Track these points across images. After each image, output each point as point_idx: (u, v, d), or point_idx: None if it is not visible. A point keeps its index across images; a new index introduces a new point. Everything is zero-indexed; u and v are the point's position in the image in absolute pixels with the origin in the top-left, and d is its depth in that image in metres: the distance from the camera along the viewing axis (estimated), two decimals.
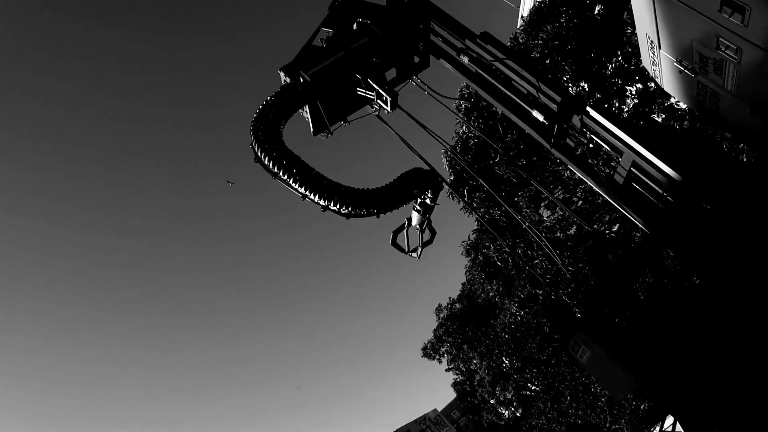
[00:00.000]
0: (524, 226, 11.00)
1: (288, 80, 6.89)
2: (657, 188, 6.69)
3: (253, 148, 6.11)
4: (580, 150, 7.45)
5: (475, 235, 17.16)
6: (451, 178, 17.09)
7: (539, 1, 17.52)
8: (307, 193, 5.82)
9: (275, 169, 5.88)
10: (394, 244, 7.04)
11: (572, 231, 15.47)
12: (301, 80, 6.75)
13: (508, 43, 17.87)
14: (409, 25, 7.58)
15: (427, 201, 6.91)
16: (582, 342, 9.34)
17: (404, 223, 7.17)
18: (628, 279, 13.48)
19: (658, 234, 7.27)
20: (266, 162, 5.93)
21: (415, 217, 7.05)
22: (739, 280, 6.63)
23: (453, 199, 17.31)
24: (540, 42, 16.24)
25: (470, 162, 16.55)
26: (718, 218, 6.40)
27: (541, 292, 14.90)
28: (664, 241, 10.39)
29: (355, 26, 7.50)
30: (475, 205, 16.62)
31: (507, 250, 16.02)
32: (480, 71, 7.34)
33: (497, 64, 7.05)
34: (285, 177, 5.85)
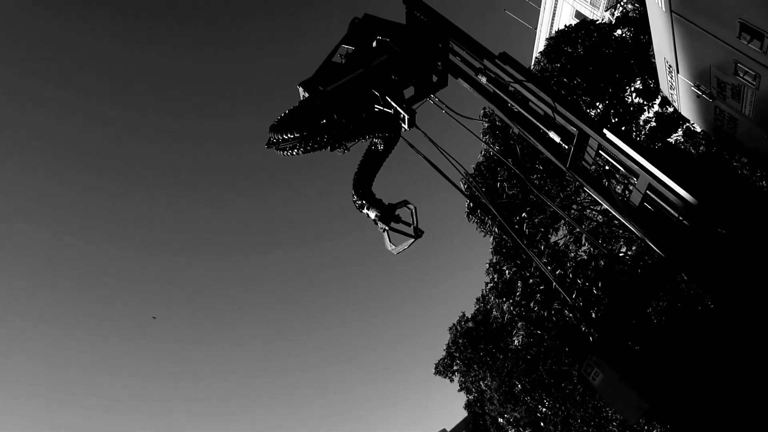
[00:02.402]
0: (533, 259, 10.99)
1: (306, 95, 6.98)
2: (672, 211, 6.66)
3: (269, 141, 6.43)
4: (596, 172, 7.46)
5: (492, 255, 17.12)
6: (469, 203, 17.12)
7: (567, 27, 17.65)
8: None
9: (297, 133, 6.24)
10: (390, 245, 6.70)
11: (585, 249, 15.38)
12: (320, 95, 6.82)
13: (530, 66, 17.99)
14: (428, 44, 7.65)
15: (379, 147, 6.86)
16: (595, 364, 9.17)
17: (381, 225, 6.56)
18: (642, 302, 13.33)
19: (672, 258, 7.22)
20: (288, 135, 6.28)
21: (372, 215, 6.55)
22: (753, 308, 6.55)
23: (470, 220, 17.32)
24: (558, 65, 16.29)
25: (491, 181, 16.57)
26: (733, 244, 6.34)
27: (554, 313, 14.78)
28: (678, 265, 10.29)
29: (374, 44, 7.59)
30: (491, 227, 16.61)
31: (517, 269, 15.97)
32: (498, 91, 7.39)
33: (515, 85, 7.08)
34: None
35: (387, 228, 6.28)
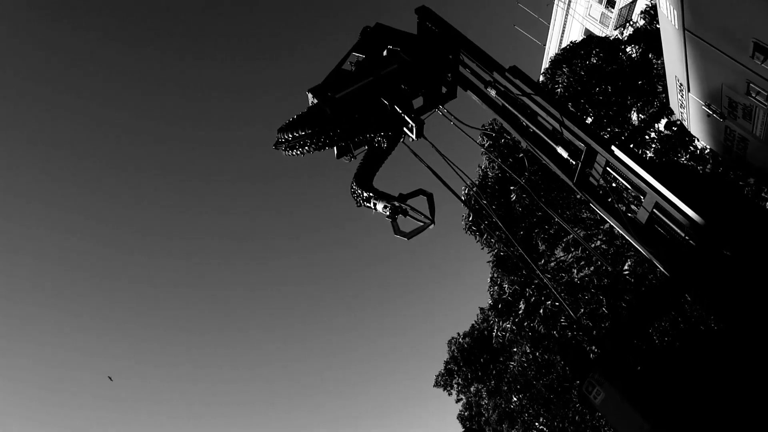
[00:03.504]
0: (539, 274, 10.89)
1: (315, 101, 6.96)
2: (679, 231, 6.59)
3: (277, 142, 6.48)
4: (602, 189, 7.38)
5: (492, 269, 17.00)
6: (469, 218, 17.05)
7: (571, 44, 17.66)
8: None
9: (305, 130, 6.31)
10: (400, 232, 6.49)
11: (590, 269, 15.26)
12: (329, 102, 6.80)
13: (537, 80, 17.99)
14: (438, 55, 7.63)
15: (383, 145, 6.81)
16: (596, 382, 9.01)
17: (393, 206, 6.37)
18: (646, 321, 13.18)
19: (677, 277, 7.13)
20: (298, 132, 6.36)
21: (380, 206, 6.41)
22: (758, 330, 6.45)
23: (470, 233, 17.21)
24: (566, 81, 16.27)
25: (490, 196, 16.50)
26: (739, 265, 6.26)
27: (556, 332, 14.64)
28: (683, 285, 10.20)
29: (385, 53, 7.57)
30: (492, 241, 16.51)
31: (519, 286, 15.85)
32: (506, 105, 7.35)
33: (524, 98, 7.04)
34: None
35: (395, 217, 6.14)
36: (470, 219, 16.91)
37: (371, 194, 6.33)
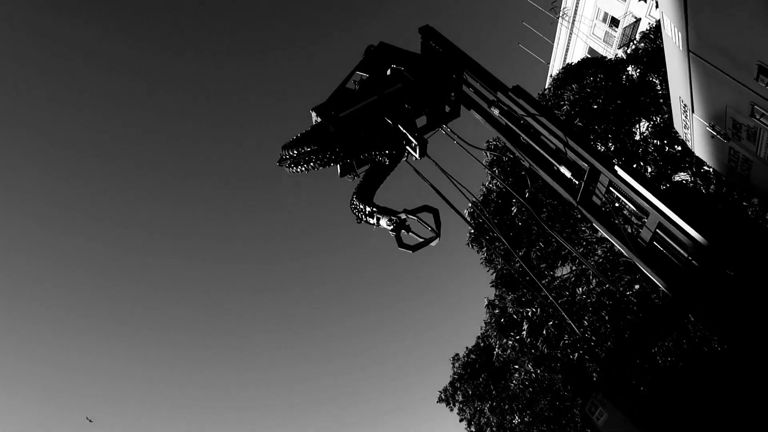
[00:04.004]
0: (542, 289, 10.84)
1: (319, 120, 6.97)
2: (681, 251, 6.54)
3: (281, 159, 6.48)
4: (605, 208, 7.35)
5: (493, 288, 16.93)
6: (472, 231, 17.02)
7: (569, 65, 17.73)
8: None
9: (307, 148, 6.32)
10: (404, 245, 6.38)
11: (591, 288, 15.15)
12: (333, 121, 6.81)
13: (542, 93, 18.05)
14: (442, 75, 7.65)
15: (385, 162, 6.78)
16: (600, 403, 8.93)
17: (397, 221, 6.24)
18: (649, 341, 13.08)
19: (680, 298, 7.08)
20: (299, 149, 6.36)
21: (384, 220, 6.31)
22: (761, 350, 6.39)
23: (473, 248, 17.17)
24: (568, 101, 16.30)
25: (494, 212, 16.48)
26: (742, 285, 6.21)
27: (559, 351, 14.50)
28: (686, 306, 10.13)
29: (389, 72, 7.59)
30: (494, 257, 16.46)
31: (522, 303, 15.76)
32: (510, 124, 7.35)
33: (527, 118, 7.04)
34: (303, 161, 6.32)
35: (399, 231, 6.03)
36: (473, 233, 16.89)
37: (374, 209, 6.27)
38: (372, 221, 6.27)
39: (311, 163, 6.42)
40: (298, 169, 6.47)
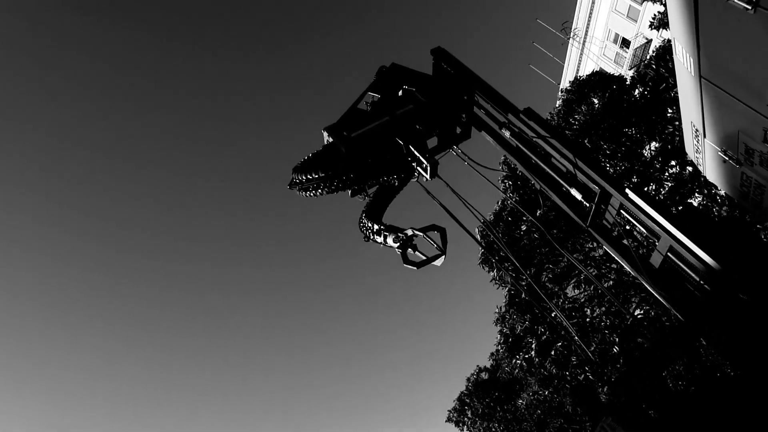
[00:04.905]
0: (553, 308, 10.74)
1: (331, 140, 7.02)
2: (693, 275, 6.48)
3: (296, 179, 6.49)
4: (616, 231, 7.32)
5: (504, 307, 16.82)
6: (483, 252, 16.99)
7: (578, 79, 17.74)
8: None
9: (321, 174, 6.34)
10: (409, 262, 6.32)
11: (602, 309, 15.03)
12: (344, 141, 6.85)
13: (547, 118, 18.08)
14: (453, 96, 7.68)
15: (394, 183, 6.83)
16: (609, 428, 8.80)
17: (404, 237, 6.19)
18: (659, 365, 12.90)
19: (691, 322, 6.99)
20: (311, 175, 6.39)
21: (390, 238, 6.26)
22: None
23: (484, 268, 17.13)
24: (577, 122, 16.32)
25: (505, 229, 16.46)
26: (755, 310, 6.13)
27: (567, 373, 14.36)
28: (697, 330, 10.01)
29: (400, 93, 7.65)
30: (503, 275, 16.40)
31: (531, 324, 15.64)
32: (520, 146, 7.35)
33: (538, 140, 7.05)
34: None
35: (406, 248, 6.02)
36: (483, 254, 16.88)
37: (381, 227, 6.29)
38: (379, 240, 6.29)
39: (320, 190, 6.44)
40: (309, 194, 6.50)
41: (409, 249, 6.06)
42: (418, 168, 6.96)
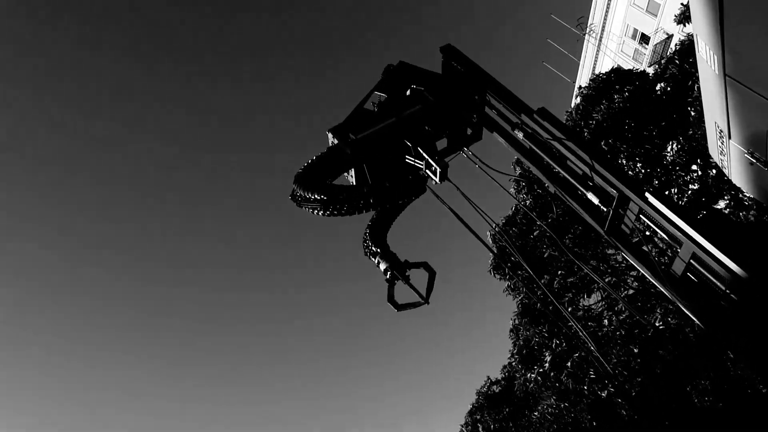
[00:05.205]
0: (569, 322, 10.72)
1: (336, 141, 7.06)
2: (719, 284, 6.46)
3: (294, 195, 6.42)
4: (635, 237, 7.31)
5: (517, 317, 16.79)
6: (493, 257, 16.99)
7: (598, 76, 17.73)
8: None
9: (322, 197, 6.22)
10: (392, 301, 6.41)
11: (621, 319, 14.97)
12: (350, 143, 6.89)
13: (564, 119, 18.10)
14: (464, 96, 7.72)
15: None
16: None
17: (394, 275, 6.38)
18: (683, 379, 12.83)
19: (717, 333, 6.97)
20: (310, 195, 6.29)
21: (383, 266, 6.47)
22: None
23: (495, 276, 17.11)
24: (594, 122, 16.30)
25: (518, 234, 16.45)
26: None
27: (585, 387, 14.29)
28: (724, 342, 9.95)
29: (408, 92, 7.70)
30: (516, 284, 16.38)
31: (546, 335, 15.59)
32: (534, 148, 7.37)
33: (553, 142, 7.07)
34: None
35: (393, 283, 6.17)
36: (495, 261, 16.86)
37: (378, 251, 6.38)
38: (374, 261, 6.42)
39: (316, 212, 6.44)
40: (308, 211, 6.48)
41: (398, 283, 6.19)
42: (427, 171, 6.98)
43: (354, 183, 7.22)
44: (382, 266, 6.29)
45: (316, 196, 6.19)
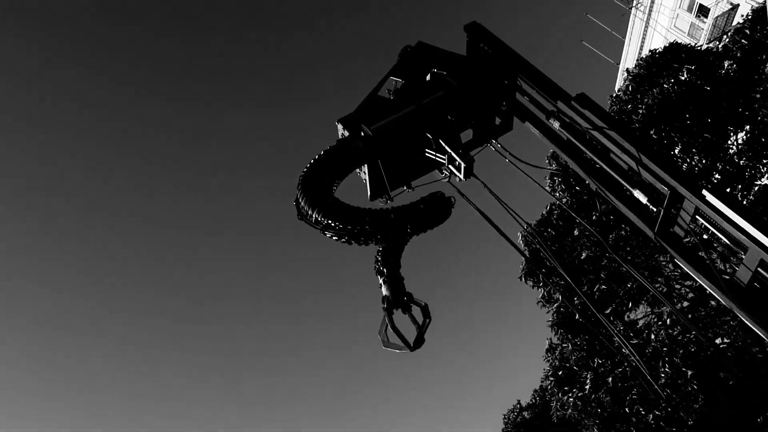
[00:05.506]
0: (613, 336, 10.62)
1: (346, 134, 7.07)
2: None
3: (300, 203, 6.35)
4: (691, 241, 7.24)
5: (553, 329, 16.70)
6: (527, 259, 16.92)
7: (652, 53, 17.51)
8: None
9: (323, 219, 6.19)
10: (382, 333, 6.41)
11: (673, 333, 14.80)
12: (362, 135, 6.89)
13: (608, 104, 17.97)
14: (492, 80, 7.70)
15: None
16: None
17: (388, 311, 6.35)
18: (752, 408, 12.63)
19: None
20: (313, 222, 6.23)
21: (384, 291, 6.45)
22: None
23: (527, 282, 17.05)
24: (644, 105, 16.14)
25: (554, 237, 16.36)
26: None
27: (629, 409, 14.14)
28: None
29: (428, 77, 7.70)
30: (552, 292, 16.29)
31: (585, 351, 15.46)
32: (572, 139, 7.33)
33: (594, 132, 7.02)
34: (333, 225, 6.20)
35: (390, 315, 6.15)
36: (527, 266, 16.79)
37: (385, 271, 6.36)
38: (380, 281, 6.42)
39: (325, 233, 6.43)
40: (310, 226, 6.48)
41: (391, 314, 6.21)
42: (450, 167, 6.98)
43: (367, 180, 7.23)
44: (383, 292, 6.31)
45: (319, 217, 6.19)
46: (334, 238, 6.34)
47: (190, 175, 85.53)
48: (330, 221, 6.18)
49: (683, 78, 16.44)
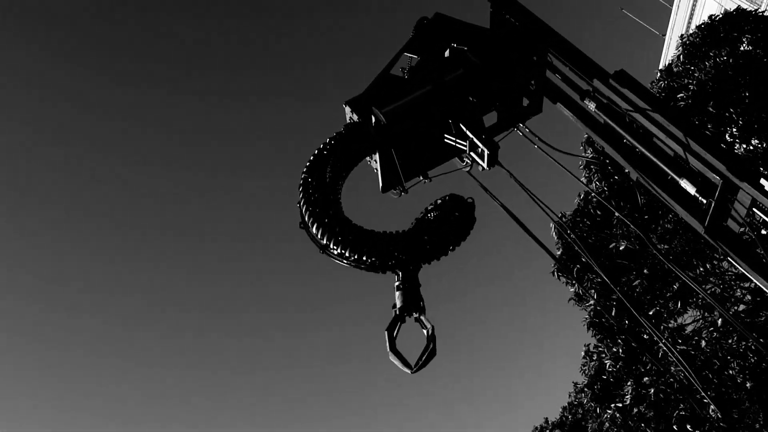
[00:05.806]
0: (656, 338, 10.64)
1: (355, 118, 7.12)
2: None
3: (301, 211, 6.31)
4: (747, 236, 7.24)
5: (589, 331, 16.73)
6: (559, 253, 17.00)
7: (711, 19, 17.37)
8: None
9: (324, 241, 6.05)
10: (394, 351, 6.31)
11: (731, 343, 14.80)
12: (373, 119, 6.94)
13: (654, 80, 17.94)
14: (518, 56, 7.73)
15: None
16: None
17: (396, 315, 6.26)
18: None
19: None
20: (315, 231, 6.12)
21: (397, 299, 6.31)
22: None
23: (560, 279, 17.12)
24: (695, 81, 16.08)
25: (588, 229, 16.40)
26: None
27: (678, 429, 14.15)
28: None
29: (447, 53, 7.75)
30: (587, 289, 16.31)
31: (623, 359, 15.49)
32: (609, 122, 7.36)
33: (635, 114, 7.05)
34: (336, 252, 6.04)
35: (399, 322, 6.09)
36: (561, 261, 16.84)
37: (400, 274, 6.24)
38: (395, 284, 6.36)
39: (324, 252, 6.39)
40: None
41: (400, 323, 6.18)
42: (471, 154, 7.02)
43: (378, 170, 7.29)
44: (398, 299, 6.18)
45: (321, 237, 6.08)
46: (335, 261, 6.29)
47: (190, 174, 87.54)
48: (331, 244, 6.08)
49: (742, 49, 16.32)
